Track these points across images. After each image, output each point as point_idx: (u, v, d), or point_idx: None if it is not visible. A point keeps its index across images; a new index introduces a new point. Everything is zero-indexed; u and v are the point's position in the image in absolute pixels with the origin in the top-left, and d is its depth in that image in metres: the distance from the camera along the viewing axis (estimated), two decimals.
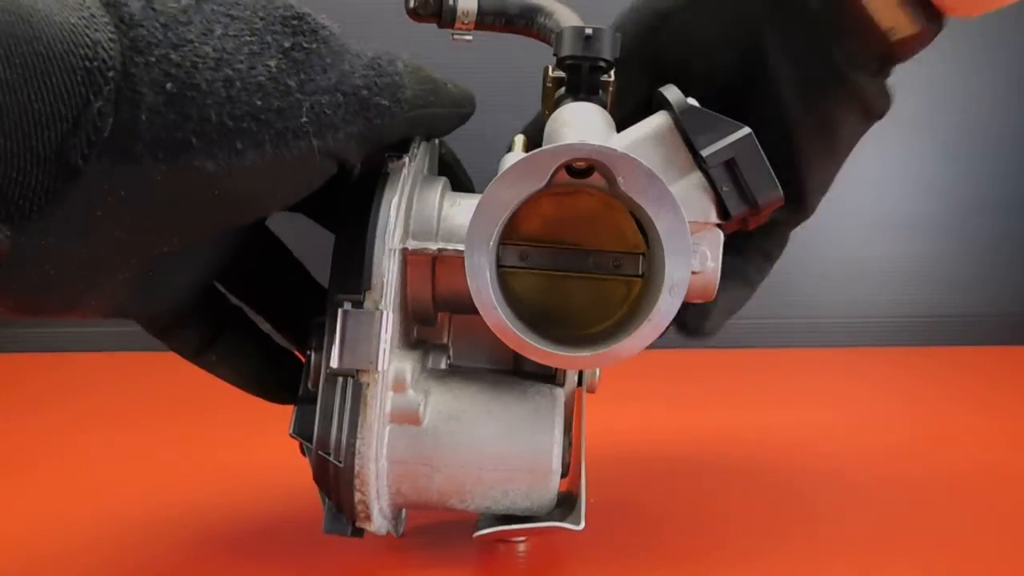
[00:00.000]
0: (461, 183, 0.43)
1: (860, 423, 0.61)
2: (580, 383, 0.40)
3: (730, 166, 0.35)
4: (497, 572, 0.38)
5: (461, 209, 0.38)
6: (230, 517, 0.43)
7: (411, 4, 0.43)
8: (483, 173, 0.38)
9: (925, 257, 0.88)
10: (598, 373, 0.40)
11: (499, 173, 0.38)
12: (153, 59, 0.25)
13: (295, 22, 0.29)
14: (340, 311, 0.34)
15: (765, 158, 0.35)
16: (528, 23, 0.44)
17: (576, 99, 0.38)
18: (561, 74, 0.39)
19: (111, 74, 0.24)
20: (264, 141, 0.28)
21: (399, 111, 0.32)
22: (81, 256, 0.27)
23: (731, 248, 0.36)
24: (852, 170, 0.86)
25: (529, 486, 0.35)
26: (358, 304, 0.34)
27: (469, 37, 0.44)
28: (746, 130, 0.34)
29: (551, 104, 0.40)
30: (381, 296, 0.34)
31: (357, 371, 0.34)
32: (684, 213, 0.33)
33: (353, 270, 0.34)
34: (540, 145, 0.40)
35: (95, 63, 0.24)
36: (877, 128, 0.86)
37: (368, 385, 0.34)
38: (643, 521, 0.44)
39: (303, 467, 0.36)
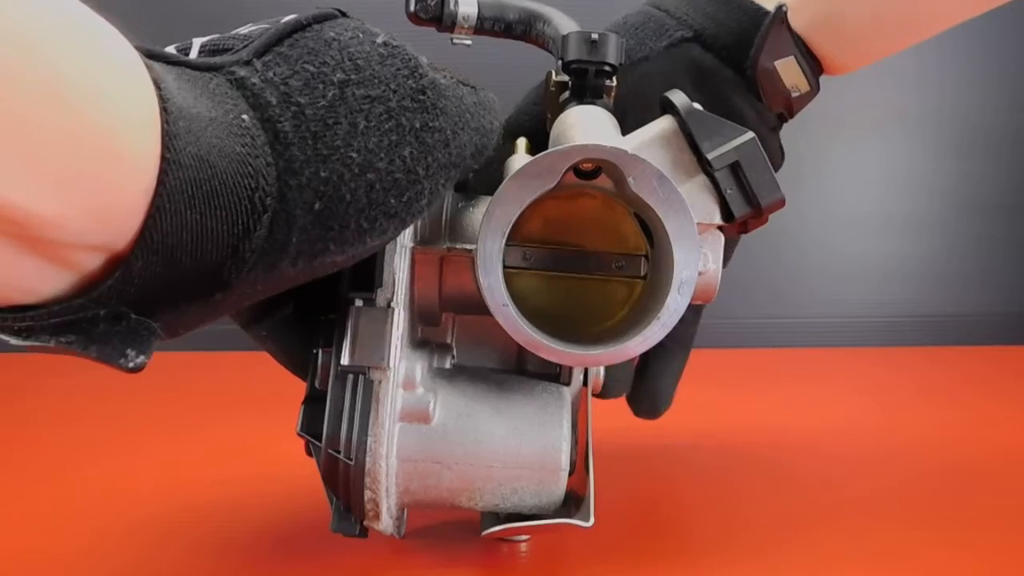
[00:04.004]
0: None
1: (861, 423, 0.62)
2: (585, 383, 0.40)
3: (734, 169, 0.35)
4: (501, 571, 0.38)
5: (467, 209, 0.38)
6: (232, 518, 0.43)
7: (411, 7, 0.44)
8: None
9: (927, 257, 0.89)
10: (602, 373, 0.41)
11: (507, 175, 0.38)
12: (304, 179, 0.26)
13: (422, 97, 0.30)
14: (352, 308, 0.34)
15: (768, 162, 0.35)
16: (526, 29, 0.45)
17: (581, 103, 0.39)
18: (565, 78, 0.40)
19: (269, 200, 0.25)
20: (388, 230, 0.29)
21: (481, 166, 0.34)
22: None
23: None
24: (852, 170, 0.88)
25: (539, 483, 0.35)
26: (370, 301, 0.34)
27: (468, 41, 0.45)
28: (750, 134, 0.35)
29: (555, 108, 0.40)
30: (393, 294, 0.34)
31: (368, 368, 0.34)
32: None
33: (365, 267, 0.34)
34: (543, 146, 0.41)
35: (257, 193, 0.25)
36: (877, 128, 0.88)
37: (379, 383, 0.34)
38: (644, 519, 0.45)
39: (307, 467, 0.36)
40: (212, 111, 0.25)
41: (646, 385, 0.47)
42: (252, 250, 0.25)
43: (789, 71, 0.44)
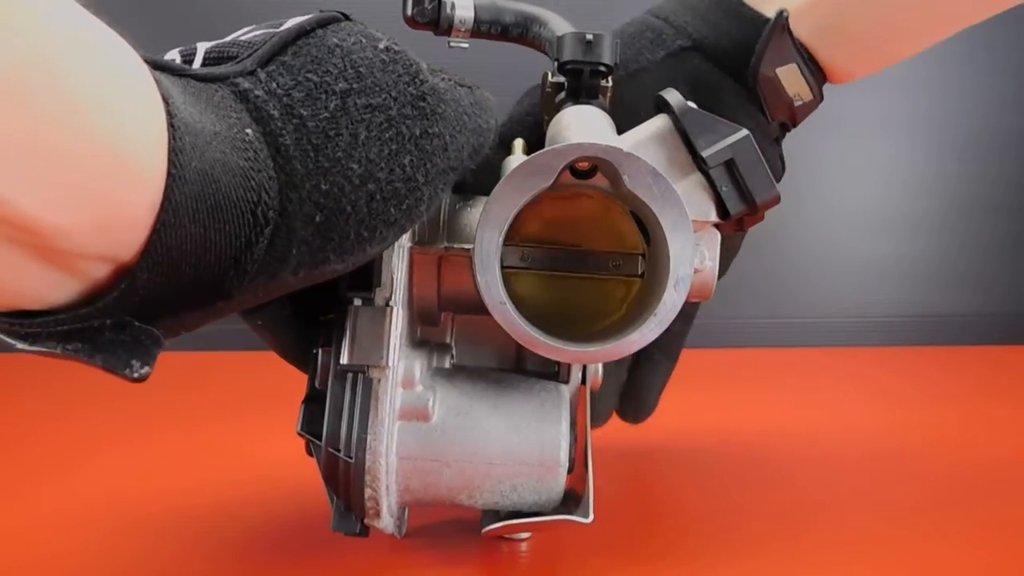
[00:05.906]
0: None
1: (858, 422, 0.62)
2: (583, 381, 0.40)
3: (729, 167, 0.36)
4: (501, 570, 0.38)
5: (465, 210, 0.38)
6: (232, 518, 0.43)
7: (408, 11, 0.44)
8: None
9: (924, 257, 0.89)
10: (600, 371, 0.41)
11: (504, 174, 0.38)
12: (305, 192, 0.27)
13: (422, 104, 0.30)
14: (351, 307, 0.34)
15: (763, 159, 0.36)
16: (523, 32, 0.45)
17: (577, 103, 0.39)
18: (561, 79, 0.40)
19: (270, 214, 0.26)
20: (388, 237, 0.30)
21: (478, 167, 0.35)
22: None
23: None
24: (852, 170, 0.89)
25: (538, 480, 0.36)
26: (368, 301, 0.34)
27: (465, 44, 0.45)
28: (744, 132, 0.36)
29: (551, 109, 0.41)
30: (391, 293, 0.35)
31: (367, 367, 0.34)
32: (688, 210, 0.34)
33: (363, 267, 0.34)
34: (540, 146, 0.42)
35: (259, 207, 0.25)
36: (877, 128, 0.88)
37: (379, 381, 0.34)
38: (644, 519, 0.45)
39: (308, 467, 0.36)
40: (216, 125, 0.25)
41: (630, 394, 0.48)
42: (254, 262, 0.26)
43: (791, 79, 0.44)
